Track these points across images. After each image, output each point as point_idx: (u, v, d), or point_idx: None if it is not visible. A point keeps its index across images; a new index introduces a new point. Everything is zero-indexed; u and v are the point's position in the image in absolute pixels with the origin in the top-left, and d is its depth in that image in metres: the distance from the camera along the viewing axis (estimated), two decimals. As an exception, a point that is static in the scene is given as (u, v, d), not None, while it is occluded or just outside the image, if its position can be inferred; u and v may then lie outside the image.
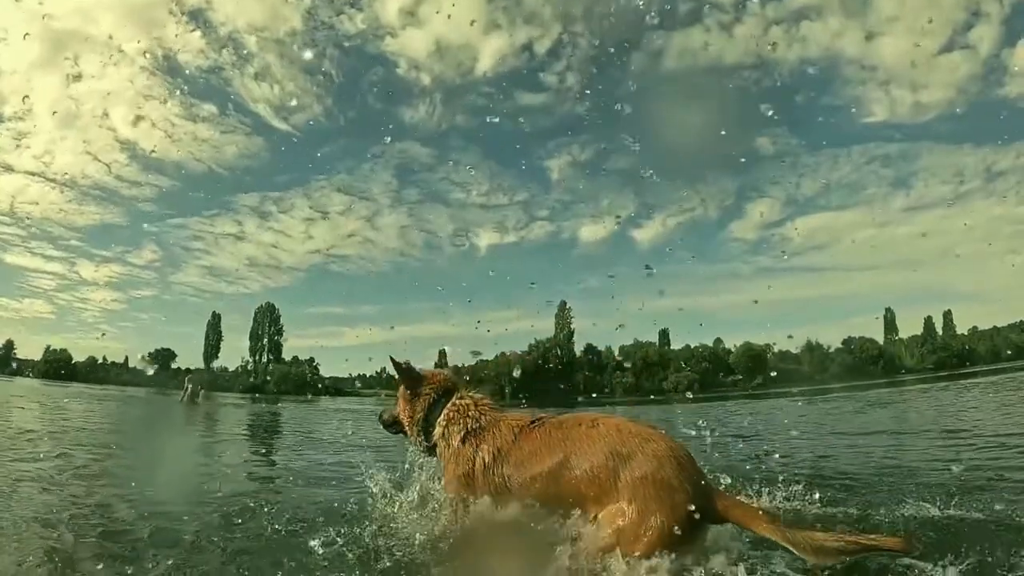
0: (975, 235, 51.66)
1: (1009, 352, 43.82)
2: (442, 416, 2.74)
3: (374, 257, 58.66)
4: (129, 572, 2.33)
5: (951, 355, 46.48)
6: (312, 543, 2.54)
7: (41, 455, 5.41)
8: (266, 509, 3.36)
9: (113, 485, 4.46)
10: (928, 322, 52.73)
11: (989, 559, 2.17)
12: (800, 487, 3.19)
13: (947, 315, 52.75)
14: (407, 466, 3.05)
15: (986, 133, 50.26)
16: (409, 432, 2.89)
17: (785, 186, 55.92)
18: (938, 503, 2.97)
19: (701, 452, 3.26)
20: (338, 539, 2.58)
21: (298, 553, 2.51)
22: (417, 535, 2.55)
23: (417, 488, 2.90)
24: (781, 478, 3.28)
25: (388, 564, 2.35)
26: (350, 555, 2.44)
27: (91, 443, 7.07)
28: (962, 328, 51.79)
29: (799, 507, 3.04)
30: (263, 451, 7.68)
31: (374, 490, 3.10)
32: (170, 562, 2.43)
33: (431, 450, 2.81)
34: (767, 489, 3.18)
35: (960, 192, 50.88)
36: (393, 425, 3.01)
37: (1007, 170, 49.15)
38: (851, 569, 2.01)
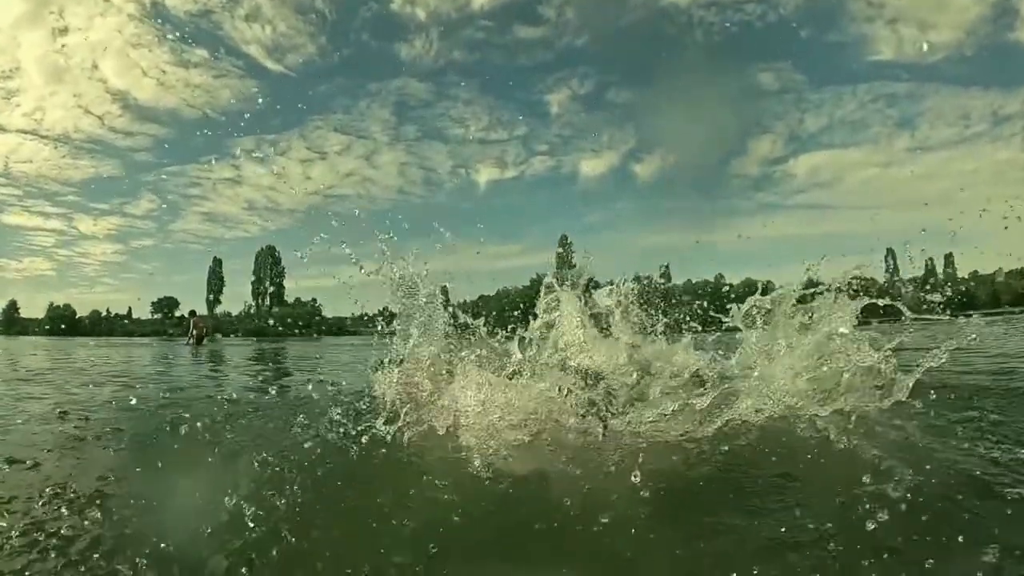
0: (979, 179, 50.80)
1: (1009, 297, 44.18)
2: None
3: (374, 196, 57.71)
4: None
5: (952, 297, 46.80)
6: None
7: (72, 387, 5.53)
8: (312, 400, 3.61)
9: (153, 403, 4.59)
10: (929, 264, 52.85)
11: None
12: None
13: (948, 257, 52.77)
14: None
15: (994, 76, 48.31)
16: None
17: (788, 122, 54.35)
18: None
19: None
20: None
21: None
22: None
23: None
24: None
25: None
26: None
27: (119, 375, 7.23)
28: (963, 272, 51.99)
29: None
30: (275, 369, 8.18)
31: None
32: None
33: None
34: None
35: (966, 135, 49.49)
36: None
37: (1014, 114, 47.61)
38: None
